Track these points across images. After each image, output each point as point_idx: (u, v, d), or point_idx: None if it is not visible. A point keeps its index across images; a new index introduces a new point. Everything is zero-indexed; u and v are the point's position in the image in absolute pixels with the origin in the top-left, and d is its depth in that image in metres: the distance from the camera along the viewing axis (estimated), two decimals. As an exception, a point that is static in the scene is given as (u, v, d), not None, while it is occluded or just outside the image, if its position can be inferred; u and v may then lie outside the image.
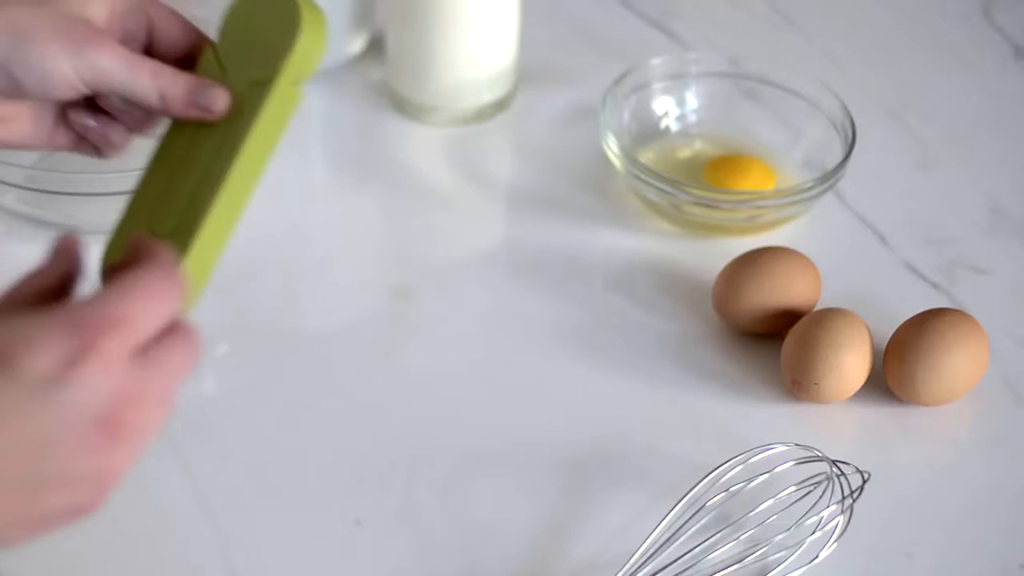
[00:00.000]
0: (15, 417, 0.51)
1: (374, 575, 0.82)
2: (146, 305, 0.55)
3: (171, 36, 0.77)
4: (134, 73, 0.73)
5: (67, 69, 0.73)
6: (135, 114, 0.77)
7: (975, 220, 1.05)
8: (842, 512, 0.82)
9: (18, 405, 0.51)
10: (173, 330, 0.58)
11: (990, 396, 0.92)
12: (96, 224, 0.98)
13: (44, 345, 0.51)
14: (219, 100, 0.74)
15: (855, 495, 0.82)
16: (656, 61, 1.09)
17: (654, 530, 0.81)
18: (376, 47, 1.15)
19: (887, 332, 0.92)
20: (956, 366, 0.90)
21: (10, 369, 0.51)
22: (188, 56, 0.77)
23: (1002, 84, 1.18)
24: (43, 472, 0.53)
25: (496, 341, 0.96)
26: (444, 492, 0.86)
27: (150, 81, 0.74)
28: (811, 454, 0.84)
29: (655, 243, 1.02)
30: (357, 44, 1.14)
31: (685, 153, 1.08)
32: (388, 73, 1.12)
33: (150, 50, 0.77)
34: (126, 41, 0.76)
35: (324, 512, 0.85)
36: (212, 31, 0.79)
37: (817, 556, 0.81)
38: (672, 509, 0.81)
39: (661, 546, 0.80)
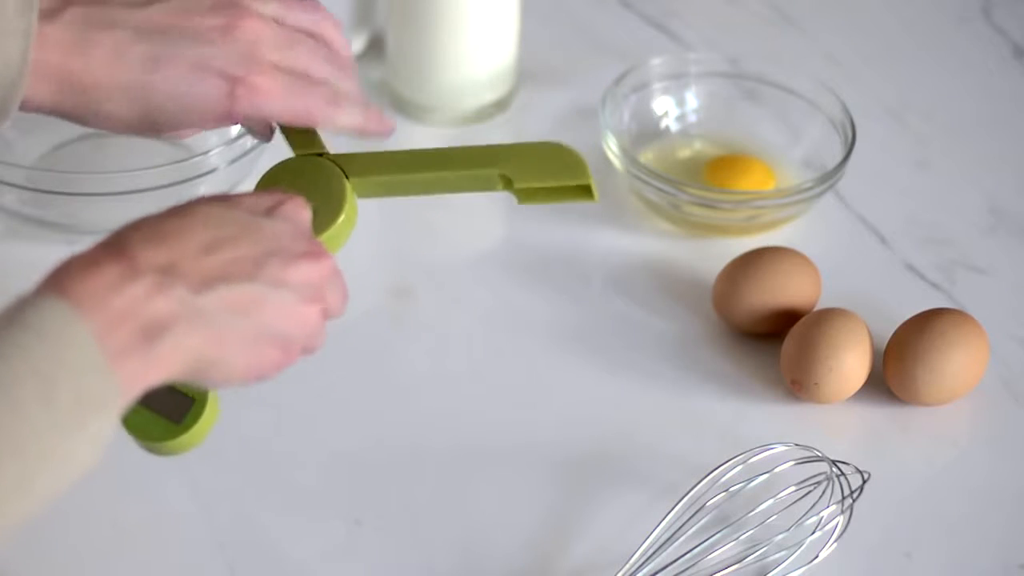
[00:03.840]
0: (250, 234, 0.68)
1: (374, 575, 0.82)
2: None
3: None
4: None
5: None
6: None
7: (975, 220, 1.05)
8: (842, 512, 0.82)
9: (251, 224, 0.69)
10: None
11: (990, 396, 0.92)
12: (96, 224, 0.98)
13: (258, 197, 0.71)
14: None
15: (855, 495, 0.82)
16: (656, 61, 1.09)
17: (654, 530, 0.81)
18: (376, 47, 1.15)
19: (887, 332, 0.92)
20: (956, 366, 0.90)
21: (240, 209, 0.69)
22: None
23: (1002, 84, 1.18)
24: (263, 282, 0.68)
25: (496, 341, 0.96)
26: (444, 492, 0.86)
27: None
28: (811, 454, 0.84)
29: (655, 243, 1.02)
30: (357, 44, 1.14)
31: (685, 153, 1.08)
32: (388, 73, 1.12)
33: None
34: None
35: (324, 512, 0.85)
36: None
37: (817, 556, 0.81)
38: (672, 509, 0.81)
39: (661, 546, 0.80)
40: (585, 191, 0.75)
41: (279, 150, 0.80)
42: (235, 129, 1.03)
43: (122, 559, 0.82)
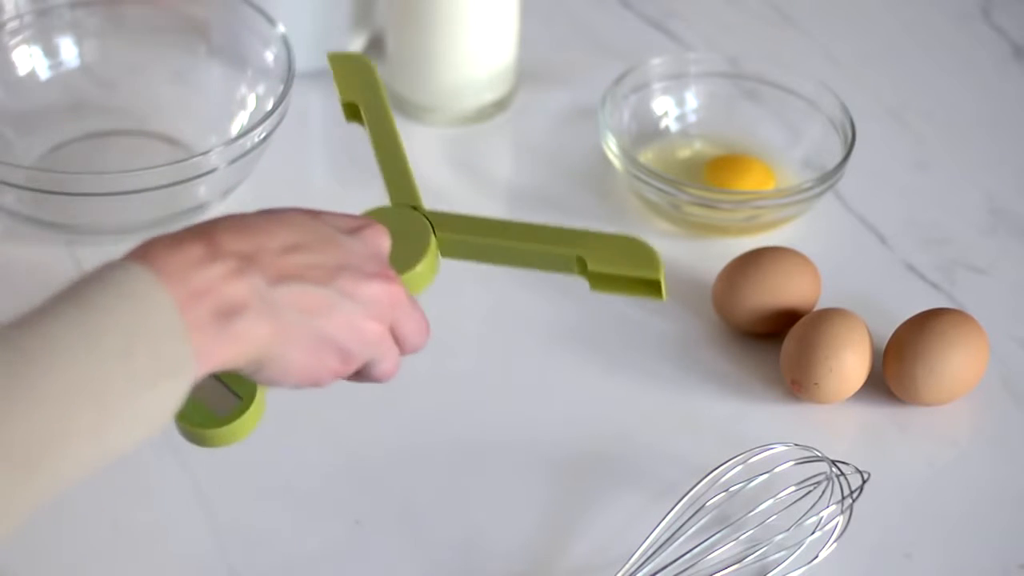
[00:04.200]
0: (330, 246, 0.71)
1: (374, 575, 0.82)
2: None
3: None
4: None
5: None
6: None
7: (975, 220, 1.05)
8: (842, 512, 0.82)
9: (332, 237, 0.72)
10: None
11: (990, 396, 0.93)
12: (96, 224, 0.98)
13: (344, 217, 0.75)
14: None
15: (855, 495, 0.82)
16: (656, 61, 1.09)
17: (654, 530, 0.81)
18: (376, 47, 1.15)
19: (887, 332, 0.92)
20: (956, 366, 0.90)
21: (324, 223, 0.73)
22: None
23: (1002, 84, 1.18)
24: (335, 290, 0.70)
25: (496, 341, 0.96)
26: (444, 492, 0.86)
27: None
28: (811, 454, 0.84)
29: (655, 243, 1.01)
30: (357, 44, 1.14)
31: (685, 153, 1.08)
32: (388, 73, 1.12)
33: None
34: None
35: (324, 512, 0.85)
36: (211, 31, 0.79)
37: (817, 556, 0.81)
38: (672, 509, 0.81)
39: (661, 546, 0.81)
40: (654, 288, 0.77)
41: (280, 151, 0.79)
42: (235, 129, 1.03)
43: (123, 559, 0.82)
